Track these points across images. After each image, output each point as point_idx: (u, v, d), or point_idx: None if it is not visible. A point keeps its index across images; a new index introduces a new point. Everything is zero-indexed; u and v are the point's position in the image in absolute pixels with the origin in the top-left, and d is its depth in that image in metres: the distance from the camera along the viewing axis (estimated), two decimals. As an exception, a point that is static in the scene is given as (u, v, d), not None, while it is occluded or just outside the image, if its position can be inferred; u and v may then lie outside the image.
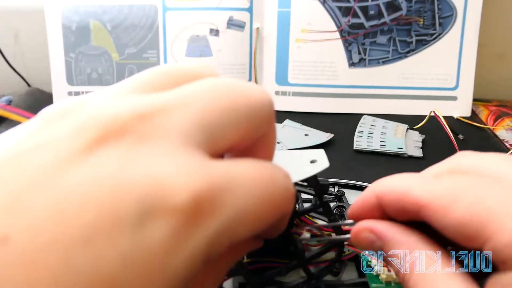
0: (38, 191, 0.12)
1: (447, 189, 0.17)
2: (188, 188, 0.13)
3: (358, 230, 0.20)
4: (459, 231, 0.17)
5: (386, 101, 0.60)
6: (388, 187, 0.20)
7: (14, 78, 0.67)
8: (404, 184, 0.19)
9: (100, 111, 0.14)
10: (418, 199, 0.18)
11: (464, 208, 0.16)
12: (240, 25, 0.59)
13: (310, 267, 0.30)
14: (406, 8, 0.58)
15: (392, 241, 0.19)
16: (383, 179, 0.20)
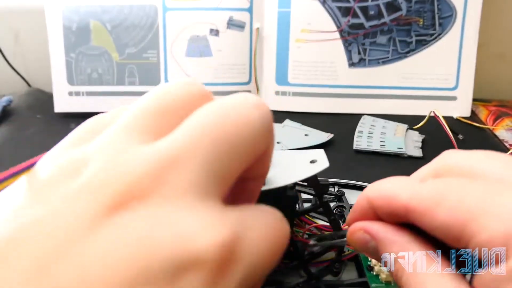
0: (63, 259, 0.12)
1: (431, 192, 0.18)
2: (213, 241, 0.13)
3: (353, 231, 0.21)
4: (445, 232, 0.18)
5: (386, 101, 0.60)
6: (378, 192, 0.20)
7: (14, 78, 0.67)
8: (392, 188, 0.20)
9: (113, 173, 0.14)
10: (405, 204, 0.19)
11: (446, 210, 0.17)
12: (240, 25, 0.59)
13: (310, 267, 0.30)
14: (406, 8, 0.58)
15: (385, 240, 0.20)
16: (374, 184, 0.21)
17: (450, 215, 0.17)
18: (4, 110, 0.58)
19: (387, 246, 0.20)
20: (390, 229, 0.20)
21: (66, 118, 0.58)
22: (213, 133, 0.15)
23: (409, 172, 0.46)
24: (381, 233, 0.20)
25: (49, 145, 0.55)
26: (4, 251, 0.12)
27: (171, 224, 0.13)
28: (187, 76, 0.59)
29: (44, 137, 0.53)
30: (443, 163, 0.21)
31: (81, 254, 0.12)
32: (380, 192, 0.20)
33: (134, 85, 0.58)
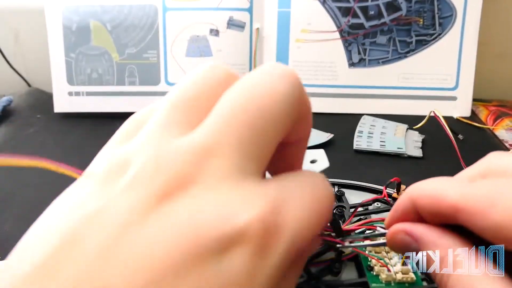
0: (123, 242, 0.13)
1: (483, 192, 0.18)
2: (254, 215, 0.14)
3: (394, 232, 0.21)
4: (498, 234, 0.17)
5: (386, 101, 0.60)
6: (423, 191, 0.20)
7: (14, 78, 0.67)
8: (440, 187, 0.19)
9: (155, 167, 0.15)
10: (454, 203, 0.18)
11: (502, 211, 0.17)
12: (240, 25, 0.59)
13: (310, 267, 0.30)
14: (406, 8, 0.58)
15: (428, 243, 0.19)
16: (418, 183, 0.20)
17: (506, 216, 0.17)
18: (4, 110, 0.58)
19: (430, 249, 0.19)
20: (434, 231, 0.19)
21: (66, 118, 0.58)
22: (242, 114, 0.16)
23: (409, 172, 0.46)
24: (424, 235, 0.19)
25: (49, 145, 0.55)
26: (72, 236, 0.14)
27: (214, 206, 0.14)
28: (187, 76, 0.59)
29: (44, 137, 0.53)
30: (491, 164, 0.20)
31: (138, 237, 0.14)
32: (425, 191, 0.20)
33: (134, 85, 0.58)
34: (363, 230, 0.33)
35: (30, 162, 0.19)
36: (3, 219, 0.39)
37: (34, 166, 0.19)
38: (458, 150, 0.48)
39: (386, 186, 0.37)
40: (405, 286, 0.29)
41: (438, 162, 0.48)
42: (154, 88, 0.58)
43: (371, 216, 0.36)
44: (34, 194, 0.43)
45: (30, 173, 0.46)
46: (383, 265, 0.30)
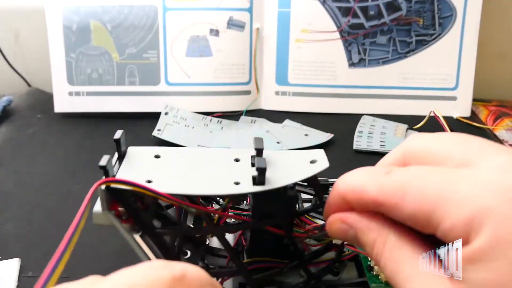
0: None
1: (396, 185, 0.19)
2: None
3: (330, 222, 0.23)
4: (413, 222, 0.19)
5: (386, 101, 0.60)
6: (347, 186, 0.22)
7: (14, 78, 0.67)
8: (360, 182, 0.21)
9: None
10: (374, 198, 0.20)
11: (411, 202, 0.19)
12: (240, 25, 0.59)
13: (310, 267, 0.30)
14: (406, 8, 0.58)
15: (362, 228, 0.21)
16: (343, 176, 0.22)
17: (415, 206, 0.18)
18: (4, 110, 0.58)
19: (365, 233, 0.21)
20: (365, 216, 0.21)
21: (66, 118, 0.58)
22: None
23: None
24: (358, 221, 0.21)
25: (49, 145, 0.55)
26: None
27: None
28: (187, 77, 0.59)
29: (44, 137, 0.53)
30: (407, 149, 0.22)
31: None
32: (349, 186, 0.22)
33: (134, 85, 0.58)
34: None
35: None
36: (3, 219, 0.39)
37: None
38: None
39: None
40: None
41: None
42: (154, 88, 0.58)
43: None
44: (34, 194, 0.43)
45: (30, 173, 0.46)
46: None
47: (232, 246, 0.31)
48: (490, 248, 0.16)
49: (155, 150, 0.27)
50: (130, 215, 0.24)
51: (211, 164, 0.27)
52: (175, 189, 0.24)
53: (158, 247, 0.26)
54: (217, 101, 0.59)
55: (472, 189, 0.17)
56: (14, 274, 0.33)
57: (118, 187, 0.24)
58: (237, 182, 0.25)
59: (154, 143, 0.51)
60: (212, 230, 0.27)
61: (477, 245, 0.17)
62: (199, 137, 0.52)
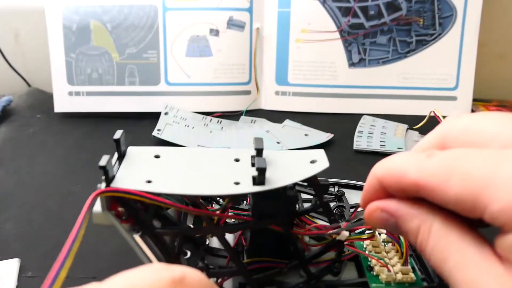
0: None
1: (439, 167, 0.19)
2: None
3: (370, 211, 0.22)
4: (458, 206, 0.18)
5: (386, 101, 0.60)
6: (386, 170, 0.21)
7: (14, 78, 0.67)
8: (400, 165, 0.20)
9: None
10: (415, 181, 0.19)
11: (456, 184, 0.18)
12: (240, 25, 0.59)
13: (310, 267, 0.30)
14: (406, 8, 0.58)
15: (404, 216, 0.20)
16: (382, 161, 0.21)
17: (461, 189, 0.17)
18: (4, 110, 0.58)
19: (407, 221, 0.20)
20: (407, 203, 0.20)
21: (66, 118, 0.58)
22: None
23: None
24: (399, 209, 0.20)
25: (49, 145, 0.55)
26: None
27: None
28: (187, 76, 0.59)
29: (44, 137, 0.53)
30: (446, 131, 0.21)
31: None
32: (388, 171, 0.21)
33: (134, 85, 0.58)
34: (363, 230, 0.33)
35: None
36: (3, 219, 0.39)
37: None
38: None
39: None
40: (405, 286, 0.29)
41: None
42: (154, 88, 0.58)
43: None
44: (34, 194, 0.43)
45: (30, 173, 0.46)
46: (383, 265, 0.30)
47: (232, 246, 0.31)
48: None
49: (155, 150, 0.27)
50: (130, 215, 0.24)
51: (211, 164, 0.27)
52: (175, 189, 0.24)
53: (158, 247, 0.26)
54: (217, 101, 0.59)
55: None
56: (14, 274, 0.33)
57: (120, 187, 0.24)
58: (237, 182, 0.25)
59: (154, 143, 0.51)
60: (212, 230, 0.27)
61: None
62: (199, 137, 0.52)
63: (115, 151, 0.26)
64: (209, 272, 0.28)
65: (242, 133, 0.54)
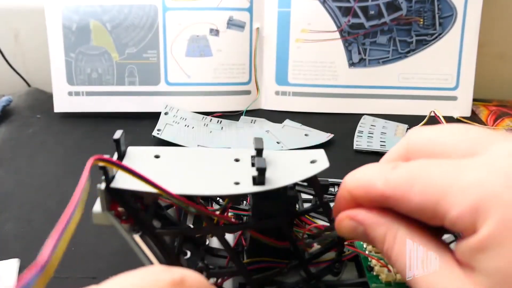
0: None
1: (402, 178, 0.20)
2: None
3: (339, 220, 0.23)
4: (421, 214, 0.19)
5: (386, 101, 0.60)
6: (355, 182, 0.22)
7: (14, 78, 0.67)
8: (369, 177, 0.21)
9: None
10: (381, 192, 0.20)
11: (418, 194, 0.19)
12: (240, 25, 0.59)
13: (310, 267, 0.30)
14: (406, 8, 0.58)
15: (371, 224, 0.21)
16: (352, 173, 0.23)
17: (422, 197, 0.18)
18: (4, 110, 0.58)
19: (374, 229, 0.21)
20: (374, 212, 0.21)
21: (66, 118, 0.58)
22: None
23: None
24: (366, 217, 0.21)
25: (49, 145, 0.55)
26: None
27: None
28: (187, 76, 0.59)
29: (44, 137, 0.53)
30: (410, 143, 0.22)
31: None
32: (357, 183, 0.22)
33: (134, 85, 0.58)
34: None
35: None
36: (2, 219, 0.39)
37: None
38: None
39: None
40: (405, 286, 0.29)
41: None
42: (154, 88, 0.58)
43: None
44: (34, 194, 0.43)
45: (30, 173, 0.46)
46: (383, 265, 0.30)
47: (232, 246, 0.31)
48: (498, 234, 0.16)
49: (155, 150, 0.27)
50: (130, 215, 0.24)
51: (211, 164, 0.27)
52: (175, 189, 0.24)
53: (158, 247, 0.26)
54: (217, 101, 0.59)
55: (477, 176, 0.17)
56: (14, 274, 0.33)
57: (118, 188, 0.24)
58: (237, 182, 0.25)
59: (154, 143, 0.51)
60: (212, 230, 0.27)
61: (485, 232, 0.16)
62: (199, 137, 0.52)
63: (115, 151, 0.26)
64: (209, 272, 0.28)
65: (242, 133, 0.54)
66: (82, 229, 0.37)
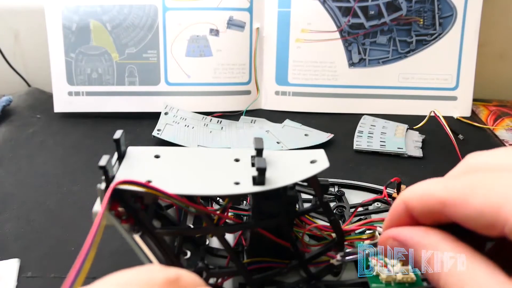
0: None
1: (464, 184, 0.19)
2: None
3: (383, 240, 0.22)
4: (479, 220, 0.18)
5: (386, 101, 0.60)
6: (413, 192, 0.21)
7: (14, 78, 0.67)
8: (427, 186, 0.20)
9: None
10: (440, 197, 0.19)
11: (480, 198, 0.18)
12: (240, 25, 0.59)
13: (310, 267, 0.30)
14: (406, 8, 0.58)
15: (414, 245, 0.20)
16: (409, 188, 0.22)
17: (482, 202, 0.18)
18: (3, 110, 0.58)
19: (418, 251, 0.20)
20: (419, 232, 0.20)
21: (66, 118, 0.58)
22: None
23: (409, 172, 0.46)
24: (409, 239, 0.20)
25: (49, 145, 0.55)
26: None
27: None
28: (187, 76, 0.59)
29: (44, 137, 0.53)
30: (470, 163, 0.22)
31: None
32: (415, 192, 0.21)
33: (134, 85, 0.58)
34: (363, 230, 0.33)
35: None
36: (2, 219, 0.39)
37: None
38: (458, 150, 0.48)
39: (386, 186, 0.37)
40: (405, 286, 0.29)
41: (438, 162, 0.48)
42: (154, 88, 0.58)
43: (371, 216, 0.36)
44: (34, 194, 0.43)
45: (29, 173, 0.46)
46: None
47: (232, 246, 0.31)
48: None
49: (155, 150, 0.27)
50: (130, 215, 0.24)
51: (211, 164, 0.27)
52: (175, 189, 0.24)
53: (158, 247, 0.26)
54: (217, 101, 0.59)
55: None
56: (14, 274, 0.33)
57: (118, 187, 0.24)
58: (237, 182, 0.25)
59: (154, 143, 0.51)
60: (212, 230, 0.27)
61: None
62: (199, 137, 0.52)
63: (115, 151, 0.26)
64: (209, 272, 0.28)
65: (242, 133, 0.54)
66: (82, 229, 0.37)
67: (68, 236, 0.37)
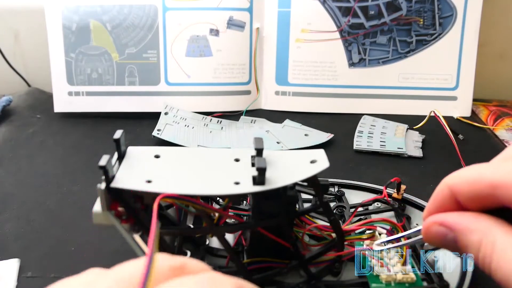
0: None
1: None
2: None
3: (428, 226, 0.21)
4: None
5: (386, 101, 0.60)
6: (460, 177, 0.20)
7: (14, 78, 0.67)
8: (475, 170, 0.19)
9: None
10: (491, 181, 0.18)
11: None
12: (240, 25, 0.59)
13: (310, 267, 0.30)
14: (406, 8, 0.58)
15: (463, 230, 0.19)
16: (454, 172, 0.20)
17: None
18: (3, 110, 0.58)
19: (467, 235, 0.19)
20: (467, 217, 0.19)
21: (66, 118, 0.58)
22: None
23: (410, 172, 0.46)
24: (458, 223, 0.20)
25: (49, 145, 0.55)
26: None
27: None
28: (187, 76, 0.59)
29: (44, 137, 0.53)
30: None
31: None
32: (462, 177, 0.20)
33: (134, 85, 0.58)
34: (363, 230, 0.33)
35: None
36: (2, 219, 0.39)
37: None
38: (458, 150, 0.48)
39: (386, 186, 0.37)
40: (405, 286, 0.29)
41: (438, 162, 0.48)
42: (154, 88, 0.58)
43: (371, 216, 0.36)
44: (34, 194, 0.43)
45: (29, 173, 0.46)
46: (383, 265, 0.30)
47: (232, 246, 0.31)
48: None
49: (155, 150, 0.27)
50: (130, 215, 0.24)
51: (211, 164, 0.27)
52: (175, 189, 0.24)
53: (157, 247, 0.26)
54: (217, 101, 0.59)
55: None
56: (14, 274, 0.33)
57: (118, 187, 0.24)
58: (237, 182, 0.25)
59: (154, 143, 0.51)
60: (212, 230, 0.27)
61: None
62: (199, 137, 0.52)
63: (115, 151, 0.26)
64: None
65: (242, 133, 0.54)
66: (82, 229, 0.37)
67: (68, 236, 0.37)
